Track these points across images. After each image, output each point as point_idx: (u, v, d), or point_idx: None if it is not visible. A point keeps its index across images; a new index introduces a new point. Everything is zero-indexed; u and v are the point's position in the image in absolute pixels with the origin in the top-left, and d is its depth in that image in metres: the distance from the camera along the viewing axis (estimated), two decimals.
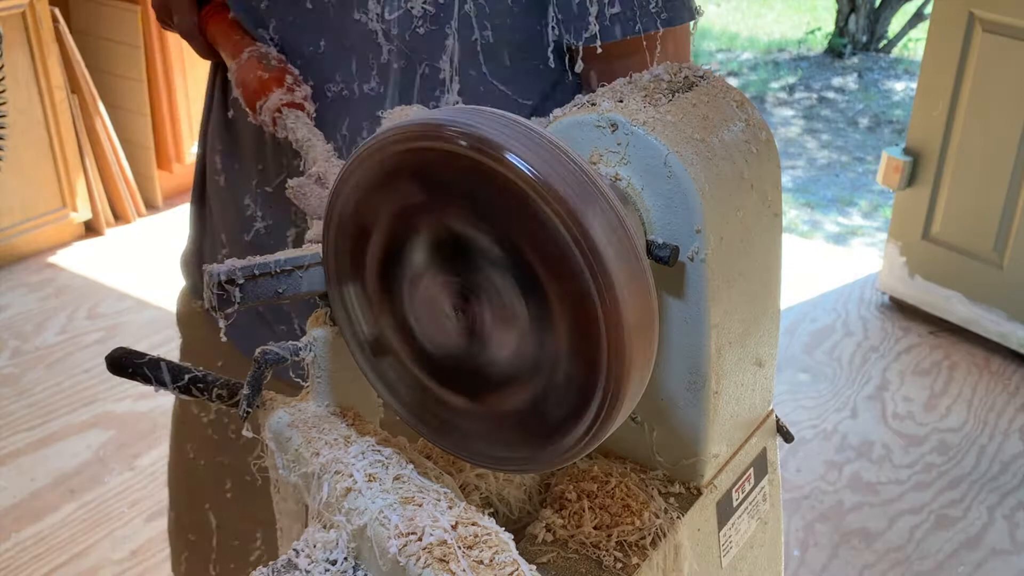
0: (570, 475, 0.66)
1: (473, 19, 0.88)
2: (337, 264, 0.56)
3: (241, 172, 1.04)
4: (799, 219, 4.33)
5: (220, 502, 1.14)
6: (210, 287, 0.59)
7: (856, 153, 5.07)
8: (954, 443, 2.61)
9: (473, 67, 0.90)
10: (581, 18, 0.89)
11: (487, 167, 0.46)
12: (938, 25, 2.87)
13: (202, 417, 1.13)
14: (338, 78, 0.93)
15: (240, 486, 1.12)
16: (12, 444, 2.48)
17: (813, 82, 5.99)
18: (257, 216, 1.03)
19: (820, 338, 3.06)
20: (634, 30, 0.89)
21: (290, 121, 0.88)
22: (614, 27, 0.89)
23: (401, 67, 0.91)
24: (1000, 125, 2.76)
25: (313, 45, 0.92)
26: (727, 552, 0.69)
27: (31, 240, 3.33)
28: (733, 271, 0.61)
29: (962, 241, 2.95)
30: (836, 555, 2.24)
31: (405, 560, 0.53)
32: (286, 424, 0.64)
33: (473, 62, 0.90)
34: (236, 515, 1.14)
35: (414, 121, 0.48)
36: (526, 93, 0.93)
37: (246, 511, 1.13)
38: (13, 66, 3.01)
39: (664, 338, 0.62)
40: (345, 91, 0.93)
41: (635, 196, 0.58)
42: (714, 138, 0.59)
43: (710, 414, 0.63)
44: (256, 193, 1.02)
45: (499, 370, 0.51)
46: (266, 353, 0.64)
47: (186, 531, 1.20)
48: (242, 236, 1.04)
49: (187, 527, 1.20)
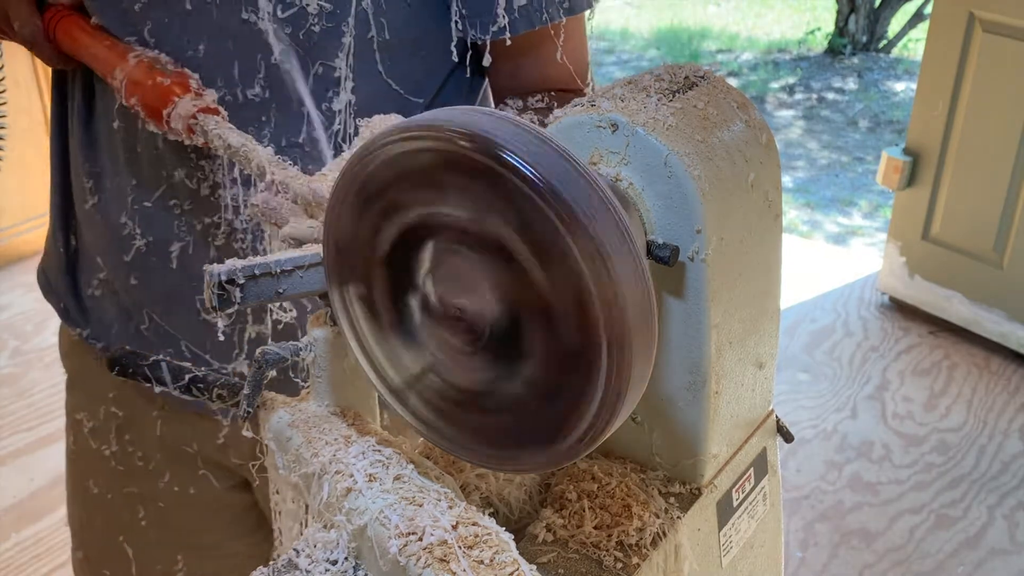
0: (570, 475, 0.66)
1: (370, 16, 0.86)
2: (337, 265, 0.56)
3: (114, 190, 0.98)
4: (799, 219, 4.33)
5: (135, 532, 1.11)
6: (210, 287, 0.59)
7: (856, 153, 5.07)
8: (954, 443, 2.61)
9: (368, 65, 0.88)
10: (487, 12, 0.88)
11: (486, 167, 0.46)
12: (938, 25, 2.87)
13: (103, 450, 1.09)
14: (220, 83, 0.88)
15: (154, 512, 1.10)
16: (12, 444, 2.49)
17: (813, 82, 5.99)
18: (136, 234, 0.97)
19: (820, 338, 3.06)
20: (541, 20, 0.88)
21: (212, 127, 0.82)
22: (522, 19, 0.88)
23: (292, 68, 0.87)
24: (1000, 125, 2.76)
25: (192, 48, 0.88)
26: (727, 552, 0.69)
27: (31, 240, 3.34)
28: (733, 271, 0.61)
29: (962, 241, 2.95)
30: (836, 555, 2.24)
31: (405, 560, 0.53)
32: (286, 424, 0.64)
33: (369, 60, 0.88)
34: (153, 542, 1.12)
35: (414, 122, 0.48)
36: (419, 91, 0.92)
37: (163, 536, 1.11)
38: (13, 66, 3.01)
39: (664, 338, 0.62)
40: (228, 96, 0.88)
41: (635, 196, 0.58)
42: (714, 138, 0.59)
43: (710, 414, 0.63)
44: (133, 210, 0.97)
45: (499, 371, 0.51)
46: (266, 353, 0.64)
47: (99, 568, 1.16)
48: (120, 257, 0.99)
49: (99, 563, 1.16)
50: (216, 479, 1.10)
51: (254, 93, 0.88)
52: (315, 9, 0.85)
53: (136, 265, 0.99)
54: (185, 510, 1.11)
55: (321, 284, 0.62)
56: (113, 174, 0.98)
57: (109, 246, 1.00)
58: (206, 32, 0.87)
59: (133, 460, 1.09)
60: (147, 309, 1.01)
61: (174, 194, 0.95)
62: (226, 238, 0.95)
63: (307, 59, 0.87)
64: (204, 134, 0.82)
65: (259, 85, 0.88)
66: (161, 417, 1.06)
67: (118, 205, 0.98)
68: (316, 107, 0.89)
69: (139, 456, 1.08)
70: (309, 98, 0.89)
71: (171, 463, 1.08)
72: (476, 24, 0.89)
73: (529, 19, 0.89)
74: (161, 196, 0.95)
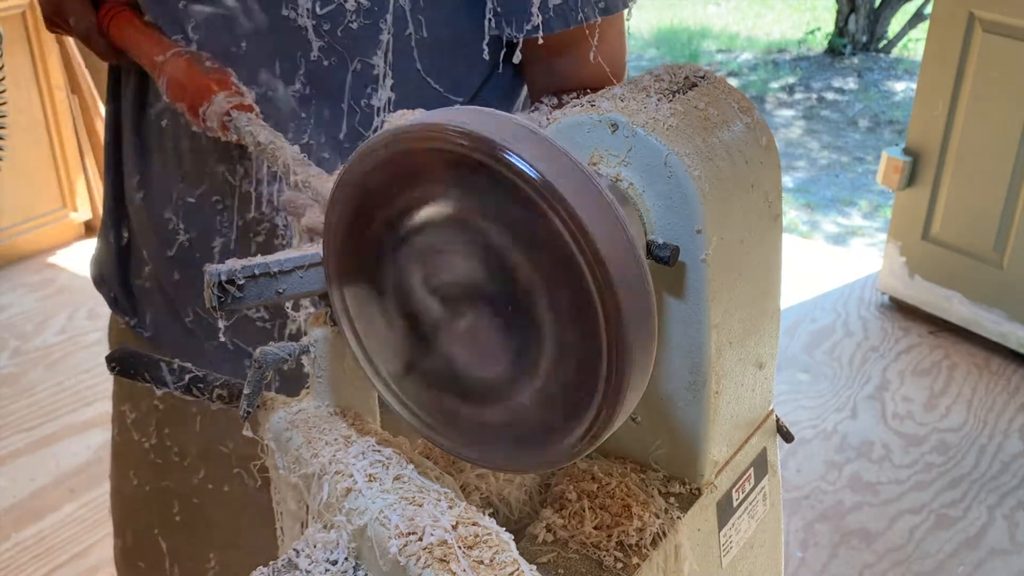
0: (570, 475, 0.66)
1: (408, 13, 0.86)
2: (338, 265, 0.56)
3: (160, 186, 1.00)
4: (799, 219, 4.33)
5: (169, 527, 1.12)
6: (210, 287, 0.59)
7: (856, 153, 5.07)
8: (954, 443, 2.61)
9: (406, 63, 0.88)
10: (522, 10, 0.87)
11: (487, 167, 0.46)
12: (938, 25, 2.87)
13: (143, 443, 1.11)
14: (261, 79, 0.89)
15: (188, 509, 1.11)
16: (12, 444, 2.49)
17: (813, 82, 5.99)
18: (180, 229, 0.99)
19: (820, 338, 3.06)
20: (576, 20, 0.88)
21: (244, 124, 0.83)
22: (557, 18, 0.88)
23: (332, 65, 0.88)
24: (1000, 125, 2.76)
25: (235, 46, 0.89)
26: (727, 552, 0.69)
27: (31, 240, 3.34)
28: (733, 271, 0.61)
29: (962, 241, 2.95)
30: (836, 555, 2.24)
31: (405, 560, 0.53)
32: (286, 424, 0.64)
33: (407, 58, 0.88)
34: (186, 539, 1.13)
35: (415, 122, 0.48)
36: (458, 89, 0.92)
37: (196, 534, 1.12)
38: (13, 66, 3.01)
39: (664, 338, 0.62)
40: (269, 92, 0.90)
41: (635, 196, 0.58)
42: (714, 138, 0.59)
43: (710, 414, 0.63)
44: (177, 206, 0.99)
45: (499, 370, 0.51)
46: (266, 354, 0.64)
47: (135, 559, 1.17)
48: (164, 252, 1.01)
49: (136, 555, 1.17)
50: (250, 477, 1.10)
51: (295, 90, 0.89)
52: (353, 6, 0.85)
53: (179, 260, 1.01)
54: (218, 508, 1.11)
55: (321, 284, 0.62)
56: (160, 170, 1.00)
57: (154, 241, 1.02)
58: (248, 29, 0.88)
59: (170, 455, 1.10)
60: (191, 304, 1.03)
61: (217, 190, 0.96)
62: (267, 234, 0.97)
63: (346, 56, 0.88)
64: (237, 131, 0.84)
65: (300, 82, 0.89)
66: (200, 413, 1.07)
67: (163, 200, 1.00)
68: (356, 104, 0.90)
69: (175, 451, 1.10)
70: (349, 95, 0.89)
71: (206, 461, 1.09)
72: (511, 22, 0.89)
73: (564, 18, 0.88)
74: (204, 192, 0.97)
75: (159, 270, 1.04)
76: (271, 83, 0.90)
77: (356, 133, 0.91)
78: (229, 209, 0.97)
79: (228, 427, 1.06)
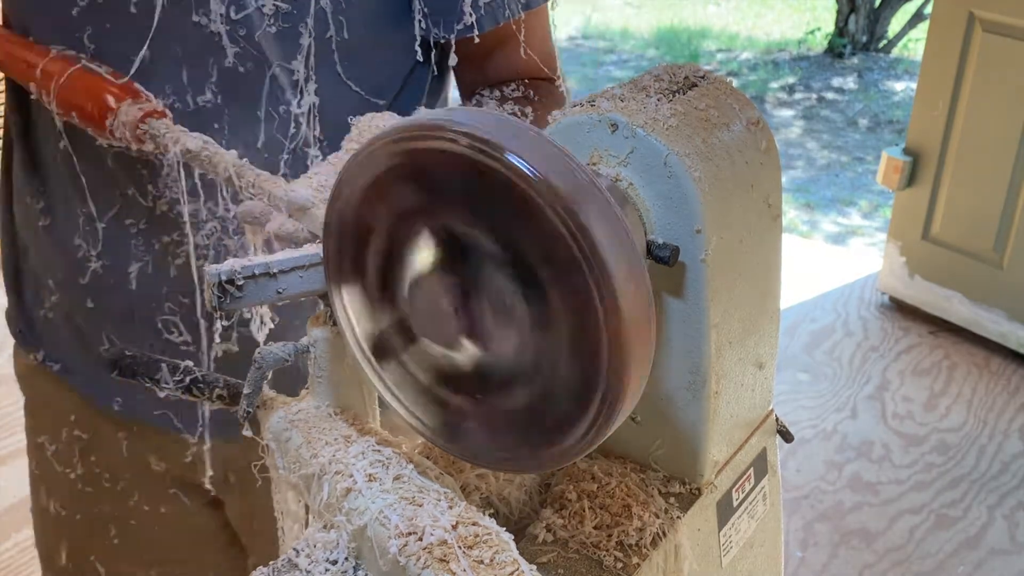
0: (570, 475, 0.66)
1: (329, 15, 0.84)
2: (337, 265, 0.56)
3: (65, 212, 0.94)
4: (799, 219, 4.33)
5: (106, 551, 1.10)
6: (211, 287, 0.59)
7: (856, 153, 5.08)
8: (954, 443, 2.61)
9: (327, 67, 0.86)
10: (451, 11, 0.87)
11: (487, 167, 0.46)
12: (938, 25, 2.87)
13: (68, 473, 1.07)
14: (168, 90, 0.84)
15: (126, 531, 1.09)
16: (12, 444, 2.48)
17: (813, 82, 5.99)
18: (91, 256, 0.94)
19: (820, 338, 3.06)
20: (504, 16, 0.88)
21: (163, 131, 0.77)
22: (487, 16, 0.88)
23: (247, 71, 0.85)
24: (1000, 125, 2.76)
25: (137, 53, 0.83)
26: (727, 552, 0.69)
27: None
28: (733, 271, 0.61)
29: (962, 241, 2.95)
30: (836, 555, 2.24)
31: (405, 560, 0.53)
32: (286, 424, 0.64)
33: (327, 61, 0.86)
34: (125, 559, 1.10)
35: (414, 122, 0.48)
36: (380, 92, 0.91)
37: (134, 554, 1.10)
38: None
39: (664, 338, 0.62)
40: (177, 103, 0.85)
41: (635, 196, 0.58)
42: (714, 138, 0.59)
43: (710, 414, 0.63)
44: (86, 232, 0.93)
45: (499, 370, 0.51)
46: (266, 354, 0.64)
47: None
48: (75, 280, 0.96)
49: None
50: (187, 497, 1.08)
51: (205, 99, 0.85)
52: (271, 10, 0.82)
53: (93, 288, 0.96)
54: (157, 528, 1.09)
55: (321, 284, 0.62)
56: (63, 196, 0.94)
57: (63, 269, 0.97)
58: (152, 37, 0.83)
59: (100, 481, 1.07)
60: (105, 332, 0.98)
61: (129, 213, 0.92)
62: (186, 256, 0.92)
63: (262, 62, 0.85)
64: (154, 140, 0.78)
65: (211, 91, 0.85)
66: (126, 438, 1.04)
67: (70, 227, 0.94)
68: (274, 110, 0.87)
69: (106, 477, 1.06)
70: (266, 101, 0.86)
71: (139, 483, 1.06)
72: (440, 23, 0.89)
73: (493, 16, 0.89)
74: (115, 216, 0.92)
75: (69, 300, 0.99)
76: (179, 92, 0.85)
77: (274, 141, 0.88)
78: (144, 232, 0.92)
79: (158, 448, 1.04)
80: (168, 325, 0.95)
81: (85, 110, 0.80)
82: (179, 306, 0.95)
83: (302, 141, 0.89)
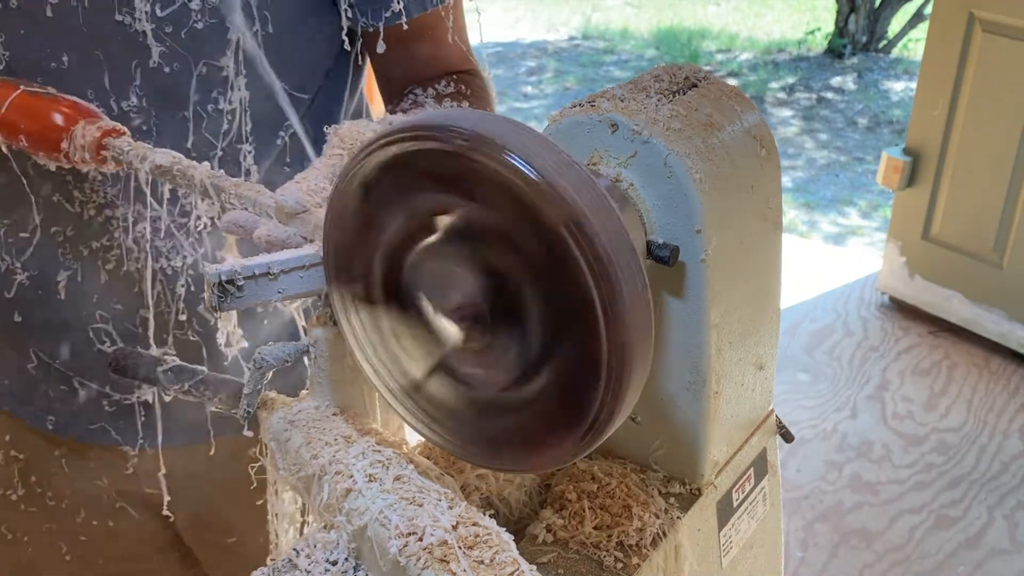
0: (570, 475, 0.66)
1: (255, 10, 0.83)
2: (337, 265, 0.56)
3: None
4: (798, 219, 4.33)
5: (58, 568, 1.08)
6: (211, 287, 0.59)
7: (855, 153, 5.08)
8: (954, 443, 2.61)
9: (253, 62, 0.84)
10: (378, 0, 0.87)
11: (487, 167, 0.46)
12: (938, 25, 2.87)
13: (10, 495, 1.05)
14: (90, 95, 0.82)
15: (76, 549, 1.07)
16: None
17: (812, 82, 5.99)
18: (16, 269, 0.91)
19: (820, 338, 3.06)
20: (432, 3, 0.89)
21: (127, 149, 0.75)
22: (414, 4, 0.89)
23: (173, 71, 0.82)
24: (1000, 125, 2.76)
25: (54, 60, 0.81)
26: (727, 552, 0.69)
27: None
28: (733, 271, 0.61)
29: (962, 241, 2.94)
30: (836, 555, 2.24)
31: (405, 560, 0.53)
32: (286, 424, 0.64)
33: (253, 57, 0.84)
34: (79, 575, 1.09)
35: (414, 122, 0.48)
36: (304, 87, 0.90)
37: (89, 569, 1.08)
38: None
39: (664, 338, 0.62)
40: (101, 109, 0.81)
41: (635, 197, 0.58)
42: (714, 139, 0.59)
43: (710, 414, 0.63)
44: (8, 244, 0.91)
45: (499, 370, 0.51)
46: (266, 354, 0.64)
47: None
48: (1, 294, 0.93)
49: None
50: (134, 510, 1.06)
51: (130, 104, 0.83)
52: (198, 5, 0.80)
53: (19, 301, 0.93)
54: (108, 542, 1.07)
55: (321, 284, 0.62)
56: None
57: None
58: (71, 40, 0.80)
59: (44, 501, 1.04)
60: (33, 347, 0.96)
61: (55, 221, 0.89)
62: (117, 261, 0.90)
63: (190, 59, 0.83)
64: (117, 160, 0.76)
65: (135, 94, 0.83)
66: (65, 456, 1.02)
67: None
68: (203, 110, 0.85)
69: (49, 496, 1.04)
70: (193, 100, 0.84)
71: (84, 500, 1.04)
72: (367, 12, 0.89)
73: (421, 3, 0.89)
74: (39, 225, 0.89)
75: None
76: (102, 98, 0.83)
77: (205, 140, 0.86)
78: (71, 240, 0.90)
79: (98, 462, 1.02)
80: (100, 334, 0.93)
81: (34, 135, 0.77)
82: (111, 313, 0.93)
83: (233, 138, 0.88)
